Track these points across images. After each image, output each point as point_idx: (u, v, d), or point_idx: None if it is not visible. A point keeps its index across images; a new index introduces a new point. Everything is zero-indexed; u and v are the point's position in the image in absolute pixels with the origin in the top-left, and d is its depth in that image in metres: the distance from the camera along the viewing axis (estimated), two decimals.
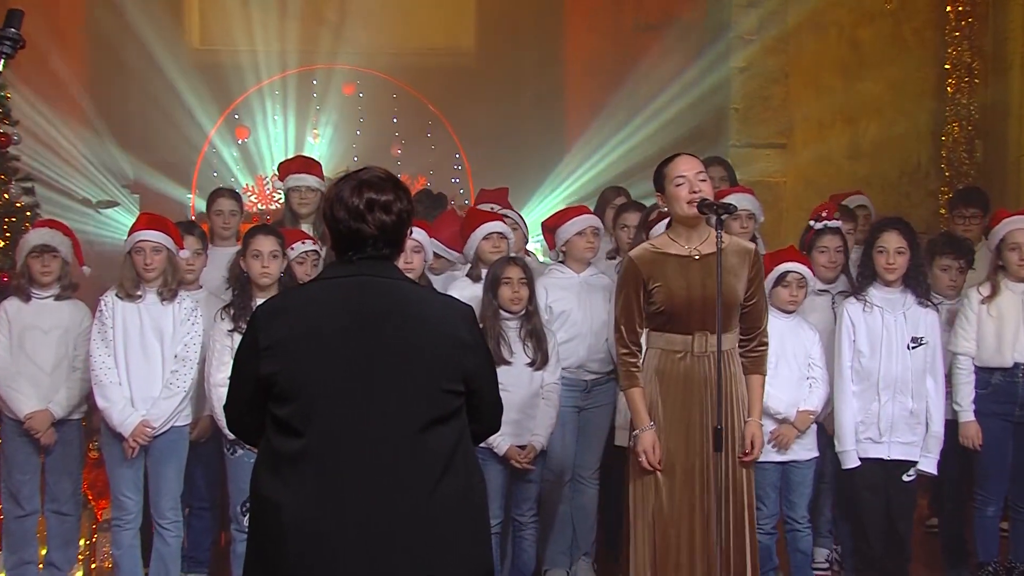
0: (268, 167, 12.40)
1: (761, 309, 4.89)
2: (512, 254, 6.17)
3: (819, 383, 5.87)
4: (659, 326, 4.79)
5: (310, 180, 6.78)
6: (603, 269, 6.48)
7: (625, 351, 4.81)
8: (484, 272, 6.02)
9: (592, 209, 6.74)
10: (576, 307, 6.17)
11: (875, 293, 5.84)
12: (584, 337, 6.16)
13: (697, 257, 4.76)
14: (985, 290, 6.05)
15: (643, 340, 4.87)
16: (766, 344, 4.91)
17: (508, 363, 5.71)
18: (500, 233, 6.24)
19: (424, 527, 3.08)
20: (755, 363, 4.88)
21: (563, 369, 6.02)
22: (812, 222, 6.29)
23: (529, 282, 5.82)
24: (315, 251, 6.10)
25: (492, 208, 7.08)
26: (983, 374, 6.01)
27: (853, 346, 5.83)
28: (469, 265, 6.30)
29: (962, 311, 6.05)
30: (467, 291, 5.96)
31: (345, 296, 3.18)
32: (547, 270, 6.39)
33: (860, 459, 5.82)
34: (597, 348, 6.19)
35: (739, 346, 4.84)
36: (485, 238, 6.23)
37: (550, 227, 6.36)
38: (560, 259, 6.33)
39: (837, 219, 6.30)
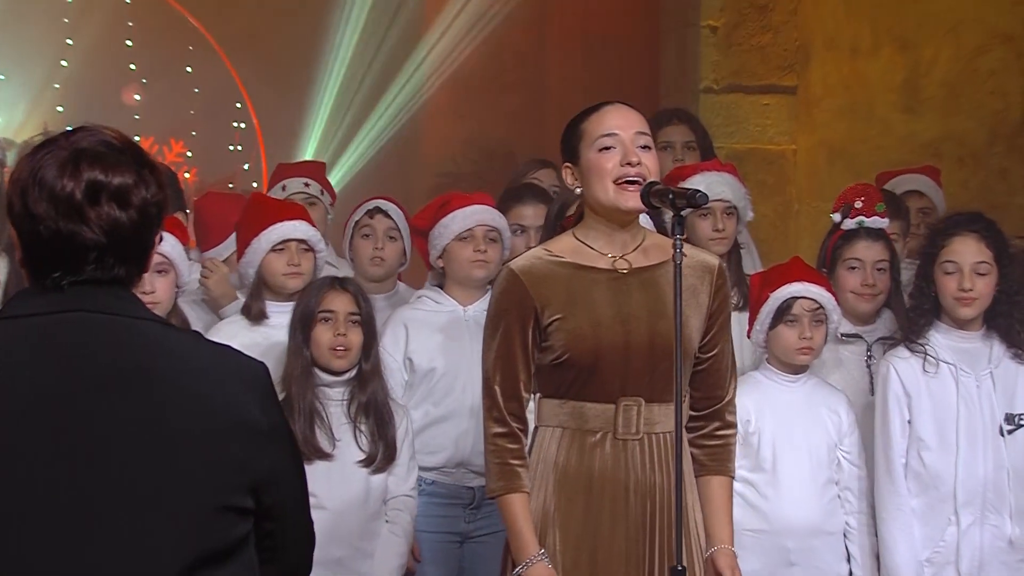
0: None
1: (726, 365, 4.97)
2: (337, 275, 6.27)
3: (854, 496, 5.97)
4: (559, 389, 4.82)
5: None
6: None
7: (501, 430, 4.86)
8: (268, 307, 6.13)
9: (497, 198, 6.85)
10: (459, 362, 6.23)
11: (940, 340, 5.95)
12: (471, 413, 6.13)
13: (625, 270, 4.81)
14: None
15: (530, 413, 4.90)
16: (734, 425, 5.02)
17: (327, 458, 5.81)
18: (302, 240, 6.23)
19: None
20: (716, 457, 4.95)
21: (431, 470, 6.18)
22: (836, 216, 6.40)
23: (365, 321, 5.87)
24: None
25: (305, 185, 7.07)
26: None
27: (908, 431, 5.91)
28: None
29: None
30: (239, 338, 5.84)
31: (47, 348, 3.13)
32: (413, 298, 6.50)
33: None
34: None
35: (689, 428, 4.88)
36: (276, 249, 6.20)
37: (422, 228, 6.45)
38: (437, 282, 6.45)
39: (881, 213, 6.37)
